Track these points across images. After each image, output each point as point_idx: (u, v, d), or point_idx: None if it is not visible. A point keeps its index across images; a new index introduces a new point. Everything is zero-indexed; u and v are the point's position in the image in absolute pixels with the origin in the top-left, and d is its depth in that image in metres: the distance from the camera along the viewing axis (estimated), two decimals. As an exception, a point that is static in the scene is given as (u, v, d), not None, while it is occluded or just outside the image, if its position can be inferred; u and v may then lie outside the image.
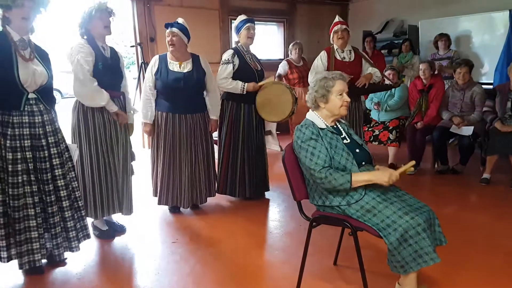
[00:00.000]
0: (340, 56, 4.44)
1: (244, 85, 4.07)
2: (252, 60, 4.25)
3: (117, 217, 3.71)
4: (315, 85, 2.55)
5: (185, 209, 4.11)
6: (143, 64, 6.35)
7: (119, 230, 3.63)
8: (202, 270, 2.97)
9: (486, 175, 4.75)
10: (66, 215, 2.92)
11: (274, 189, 4.61)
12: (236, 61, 4.10)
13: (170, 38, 3.76)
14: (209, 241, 3.46)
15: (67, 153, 2.95)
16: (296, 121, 4.04)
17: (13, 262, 2.81)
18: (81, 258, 3.15)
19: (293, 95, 4.04)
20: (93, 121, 3.28)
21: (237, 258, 3.15)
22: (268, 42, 8.51)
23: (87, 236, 3.14)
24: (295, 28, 8.53)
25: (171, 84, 3.76)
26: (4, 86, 2.62)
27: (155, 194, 4.05)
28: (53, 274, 2.95)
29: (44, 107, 2.79)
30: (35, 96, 2.75)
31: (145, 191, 4.28)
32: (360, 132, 4.65)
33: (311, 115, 2.57)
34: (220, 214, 4.08)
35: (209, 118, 4.05)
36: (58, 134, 2.89)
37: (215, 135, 4.39)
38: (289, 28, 8.48)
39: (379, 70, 4.60)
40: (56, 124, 2.89)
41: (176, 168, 3.88)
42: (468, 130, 4.93)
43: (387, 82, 5.39)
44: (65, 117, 3.50)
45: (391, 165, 5.29)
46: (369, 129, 5.63)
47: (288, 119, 4.23)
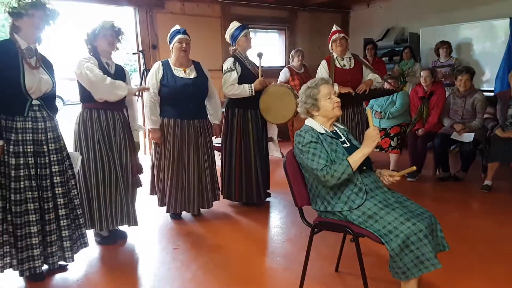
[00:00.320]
0: (340, 64, 4.45)
1: (251, 87, 4.08)
2: (251, 65, 4.27)
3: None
4: (302, 97, 2.58)
5: (194, 214, 4.13)
6: (145, 71, 6.38)
7: (121, 236, 3.63)
8: (204, 276, 2.96)
9: (487, 182, 4.74)
10: (62, 224, 2.90)
11: (275, 195, 4.61)
12: (238, 68, 4.12)
13: (183, 45, 3.79)
14: (210, 248, 3.46)
15: (68, 161, 2.96)
16: (297, 127, 4.05)
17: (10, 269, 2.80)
18: (82, 265, 3.15)
19: (295, 95, 4.05)
20: (95, 132, 3.28)
21: (238, 264, 3.14)
22: (270, 49, 8.54)
23: (85, 245, 3.11)
24: (296, 35, 8.57)
25: (180, 90, 3.78)
26: (9, 92, 2.65)
27: (161, 203, 4.00)
28: (54, 280, 2.95)
29: (47, 114, 2.81)
30: (39, 103, 2.77)
31: (145, 198, 4.26)
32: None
33: (309, 122, 2.59)
34: (221, 221, 4.08)
35: (211, 124, 4.08)
36: (60, 142, 2.90)
37: (217, 141, 4.39)
38: (290, 36, 8.52)
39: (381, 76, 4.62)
40: (58, 131, 2.90)
41: (185, 174, 3.89)
42: (469, 137, 4.93)
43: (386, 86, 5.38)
44: (66, 124, 3.51)
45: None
46: (370, 136, 5.61)
47: (293, 118, 4.24)
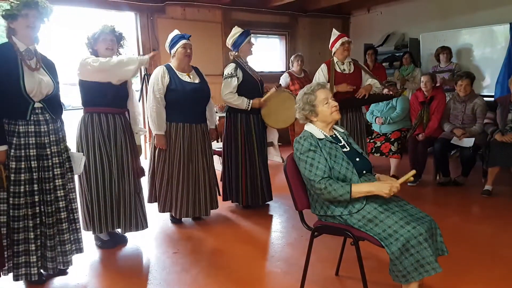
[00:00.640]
0: (340, 69, 4.45)
1: (249, 103, 4.09)
2: (251, 70, 4.28)
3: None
4: (299, 104, 2.58)
5: (195, 218, 4.15)
6: (146, 76, 6.39)
7: (121, 240, 3.63)
8: (204, 281, 2.95)
9: (487, 187, 4.74)
10: (62, 227, 2.88)
11: (275, 200, 4.61)
12: (239, 74, 4.13)
13: (187, 50, 3.81)
14: (210, 252, 3.46)
15: (68, 163, 2.95)
16: (299, 132, 4.07)
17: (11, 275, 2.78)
18: (82, 268, 3.14)
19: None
20: (96, 136, 3.29)
21: (239, 268, 3.13)
22: (270, 54, 8.57)
23: (80, 250, 3.05)
24: (297, 41, 8.60)
25: (189, 95, 3.79)
26: (10, 95, 2.63)
27: (164, 209, 3.97)
28: (54, 284, 2.94)
29: (50, 116, 2.79)
30: (41, 106, 2.75)
31: (145, 202, 4.25)
32: (363, 143, 4.65)
33: (309, 127, 2.59)
34: (221, 225, 4.07)
35: (209, 128, 4.10)
36: (61, 144, 2.88)
37: (217, 146, 4.40)
38: (291, 41, 8.55)
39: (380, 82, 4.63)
40: (60, 134, 2.89)
41: (195, 178, 3.90)
42: (469, 142, 4.93)
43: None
44: (67, 129, 3.50)
45: (393, 176, 5.26)
46: (371, 141, 5.64)
47: (293, 123, 4.26)
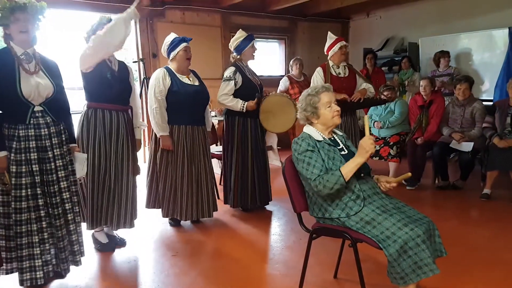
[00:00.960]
0: (335, 72, 4.49)
1: (244, 104, 4.11)
2: (251, 74, 4.29)
3: (117, 230, 3.70)
4: (302, 104, 2.58)
5: (193, 221, 4.14)
6: (145, 80, 6.40)
7: (119, 243, 3.63)
8: (203, 283, 2.95)
9: (486, 191, 4.75)
10: (71, 228, 2.89)
11: (275, 203, 4.62)
12: (238, 78, 4.14)
13: (188, 53, 3.83)
14: (209, 254, 3.46)
15: (71, 166, 2.94)
16: (299, 135, 4.10)
17: (13, 276, 2.79)
18: (81, 271, 3.13)
19: (295, 105, 4.08)
20: (98, 132, 3.30)
21: (238, 271, 3.13)
22: (269, 59, 8.60)
23: (81, 254, 3.02)
24: (296, 45, 8.64)
25: (191, 97, 3.81)
26: (8, 100, 2.63)
27: (168, 213, 3.94)
28: (52, 287, 2.94)
29: (51, 120, 2.78)
30: (42, 109, 2.73)
31: (143, 203, 4.25)
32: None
33: (308, 129, 2.60)
34: (220, 228, 4.08)
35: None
36: (64, 147, 2.87)
37: (215, 149, 4.40)
38: (290, 45, 8.59)
39: (374, 87, 4.65)
40: (63, 136, 2.86)
41: (198, 180, 3.91)
42: (468, 146, 4.94)
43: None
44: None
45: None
46: (370, 145, 5.62)
47: (291, 128, 4.27)
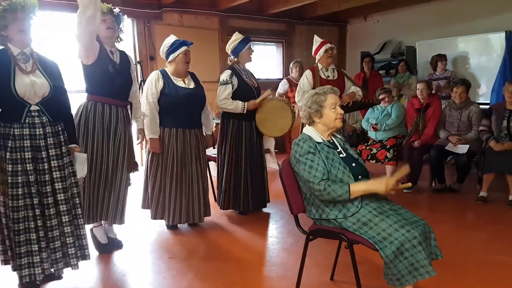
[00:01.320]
0: (324, 75, 4.52)
1: (244, 105, 4.12)
2: (248, 77, 4.31)
3: (116, 232, 3.70)
4: (307, 101, 2.60)
5: (191, 224, 4.13)
6: (142, 82, 6.38)
7: (117, 245, 3.63)
8: (200, 285, 2.95)
9: (482, 193, 4.76)
10: (66, 230, 2.86)
11: (272, 206, 4.62)
12: (234, 81, 4.16)
13: (188, 56, 3.84)
14: (206, 257, 3.46)
15: (70, 167, 2.91)
16: (296, 137, 4.11)
17: (11, 276, 2.79)
18: (77, 273, 3.10)
19: (292, 109, 4.10)
20: (96, 126, 3.30)
21: (235, 273, 3.13)
22: (267, 62, 8.61)
23: (85, 257, 2.99)
24: (294, 48, 8.65)
25: (182, 100, 3.80)
26: (3, 99, 2.64)
27: (156, 215, 3.94)
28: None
29: (47, 119, 2.77)
30: (38, 108, 2.73)
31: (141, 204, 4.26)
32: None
33: (308, 130, 2.61)
34: (217, 231, 4.07)
35: (205, 134, 4.10)
36: (62, 148, 2.84)
37: (213, 152, 4.40)
38: (288, 49, 8.60)
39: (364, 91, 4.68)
40: (61, 137, 2.84)
41: (188, 183, 3.90)
42: (463, 149, 4.95)
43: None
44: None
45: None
46: (367, 148, 5.64)
47: (288, 132, 4.28)
